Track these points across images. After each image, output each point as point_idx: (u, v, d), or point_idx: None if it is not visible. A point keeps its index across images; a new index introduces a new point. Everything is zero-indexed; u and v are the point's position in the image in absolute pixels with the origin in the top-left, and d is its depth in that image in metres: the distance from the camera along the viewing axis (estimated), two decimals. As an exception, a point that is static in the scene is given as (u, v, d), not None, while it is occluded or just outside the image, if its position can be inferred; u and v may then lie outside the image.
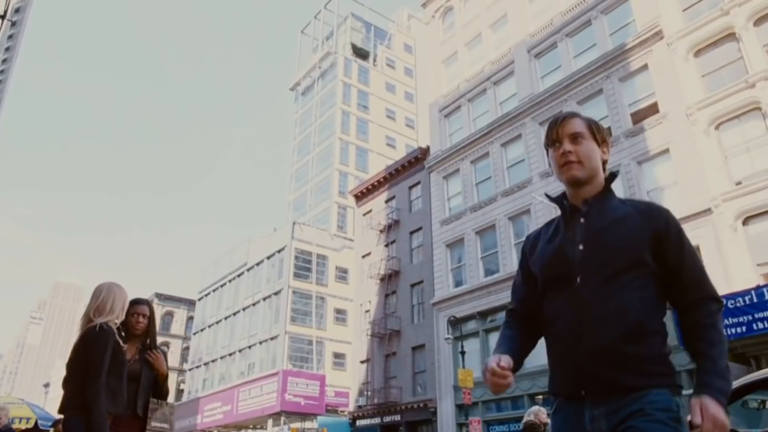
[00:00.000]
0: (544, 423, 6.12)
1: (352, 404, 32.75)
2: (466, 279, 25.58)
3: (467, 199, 26.67)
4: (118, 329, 3.70)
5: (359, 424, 30.95)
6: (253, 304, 42.08)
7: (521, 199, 23.80)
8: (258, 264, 43.15)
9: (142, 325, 4.01)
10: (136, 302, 4.00)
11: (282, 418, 35.04)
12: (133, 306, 3.95)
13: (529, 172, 23.86)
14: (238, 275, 45.25)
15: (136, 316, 3.97)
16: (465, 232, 26.19)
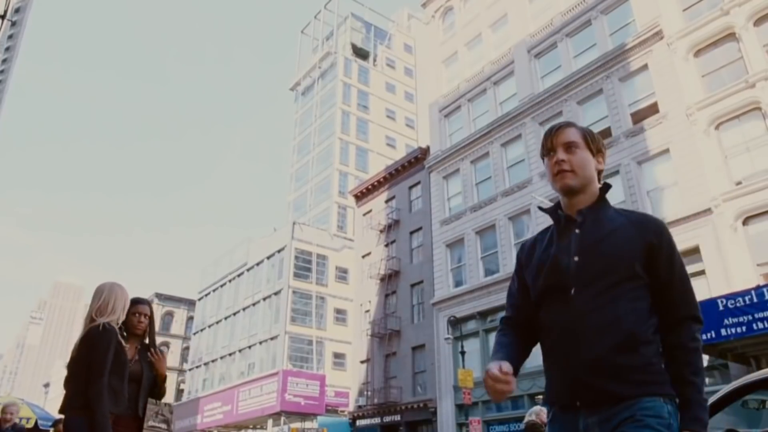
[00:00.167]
0: (545, 423, 6.12)
1: (352, 404, 32.75)
2: (466, 279, 25.58)
3: (467, 199, 26.67)
4: (120, 329, 3.69)
5: (359, 424, 30.95)
6: (253, 304, 42.09)
7: (521, 199, 23.80)
8: (258, 264, 43.16)
9: (144, 324, 3.99)
10: (137, 302, 3.98)
11: (282, 418, 35.04)
12: (134, 305, 3.93)
13: (529, 172, 23.87)
14: (238, 275, 45.26)
15: (138, 316, 3.95)
16: (465, 232, 26.19)
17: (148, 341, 4.03)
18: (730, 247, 16.71)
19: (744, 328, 11.95)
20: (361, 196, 35.48)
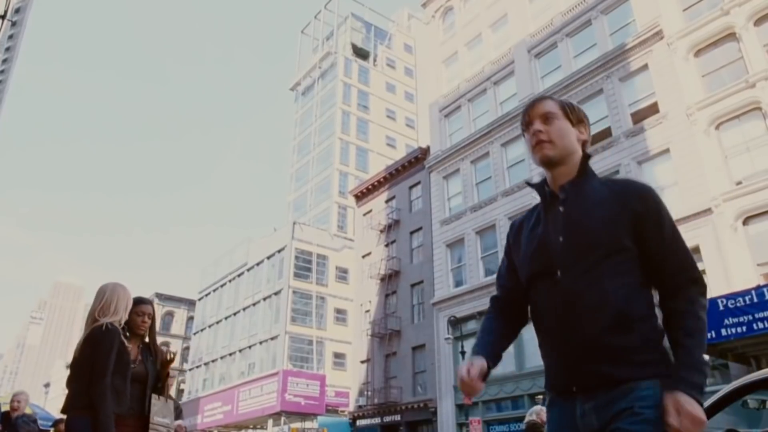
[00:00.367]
0: (546, 422, 6.12)
1: (353, 404, 32.76)
2: (466, 279, 25.58)
3: (467, 199, 26.68)
4: (123, 329, 3.70)
5: (359, 424, 30.95)
6: (253, 304, 42.09)
7: (521, 199, 23.80)
8: (258, 264, 43.16)
9: (147, 325, 3.98)
10: (140, 302, 3.97)
11: (282, 418, 35.05)
12: (137, 305, 3.91)
13: (529, 172, 23.86)
14: (238, 275, 45.26)
15: (141, 316, 3.94)
16: (465, 232, 26.19)
17: (148, 341, 4.02)
18: (730, 247, 16.71)
19: (744, 328, 11.95)
20: (362, 196, 35.48)
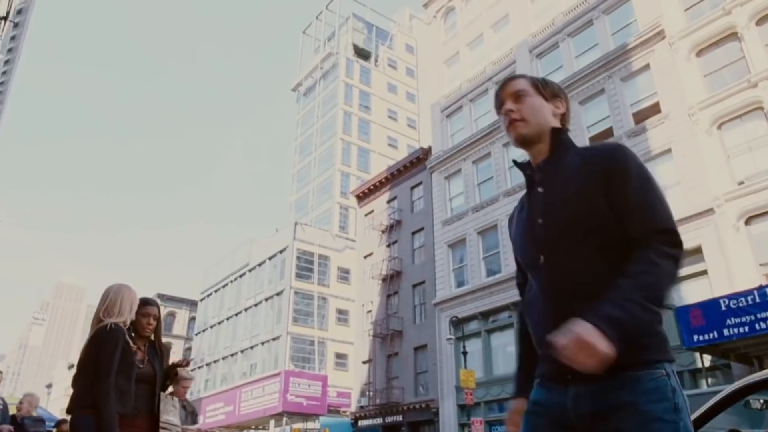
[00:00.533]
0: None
1: (354, 405, 32.76)
2: (468, 279, 25.57)
3: (469, 200, 26.67)
4: (128, 330, 3.72)
5: (361, 424, 30.94)
6: (255, 305, 42.11)
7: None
8: (260, 264, 43.19)
9: (152, 326, 4.00)
10: (146, 303, 3.98)
11: (284, 419, 35.06)
12: (144, 307, 3.93)
13: (530, 173, 23.85)
14: (240, 276, 45.29)
15: (147, 317, 3.95)
16: (467, 233, 26.18)
17: (154, 341, 4.05)
18: (732, 247, 16.69)
19: (747, 328, 11.94)
20: (363, 197, 35.49)
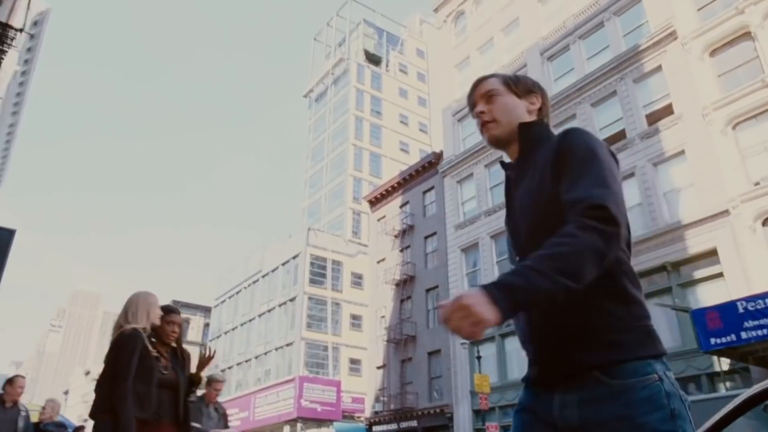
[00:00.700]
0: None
1: (369, 410, 32.70)
2: (481, 283, 25.43)
3: (481, 204, 26.59)
4: (149, 336, 3.76)
5: (376, 429, 30.87)
6: (269, 311, 42.25)
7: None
8: (273, 270, 43.34)
9: (176, 333, 4.05)
10: (170, 311, 4.04)
11: (299, 425, 35.07)
12: (168, 314, 3.99)
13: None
14: (254, 282, 45.47)
15: (171, 325, 4.00)
16: (479, 237, 26.10)
17: (177, 347, 4.09)
18: (749, 248, 16.48)
19: (765, 331, 11.77)
20: (376, 202, 35.52)
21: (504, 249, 24.98)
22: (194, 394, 4.24)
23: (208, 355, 4.27)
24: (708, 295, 16.28)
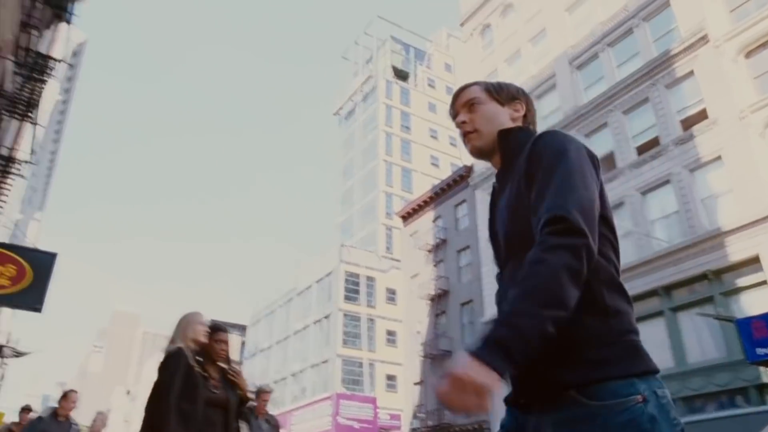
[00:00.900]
0: None
1: (406, 427, 32.45)
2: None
3: (514, 216, 26.34)
4: (196, 354, 3.75)
5: (414, 446, 30.60)
6: (304, 328, 42.45)
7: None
8: (307, 288, 43.61)
9: (225, 352, 4.01)
10: (218, 329, 3.99)
11: (336, 442, 35.01)
12: (216, 333, 3.95)
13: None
14: (288, 300, 45.80)
15: (220, 344, 3.96)
16: (513, 249, 25.83)
17: (226, 366, 4.05)
18: (794, 254, 15.95)
19: (814, 340, 11.36)
20: (408, 217, 35.53)
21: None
22: (245, 413, 4.19)
23: (237, 375, 4.21)
24: (753, 304, 15.76)
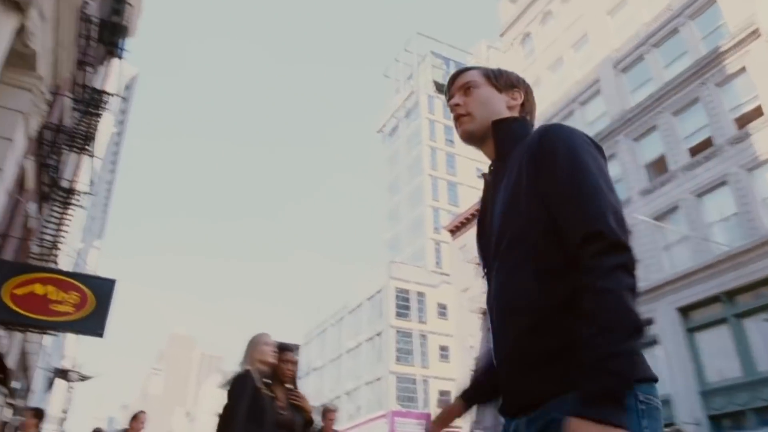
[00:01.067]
0: None
1: (463, 443, 32.00)
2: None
3: (564, 225, 25.86)
4: (264, 376, 3.74)
5: (472, 464, 30.11)
6: (357, 346, 42.51)
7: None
8: (358, 306, 43.74)
9: (292, 372, 3.99)
10: (285, 348, 3.98)
11: (393, 460, 34.78)
12: (283, 353, 3.93)
13: (627, 191, 22.82)
14: (339, 318, 46.02)
15: (287, 363, 3.94)
16: (565, 259, 25.32)
17: (291, 386, 4.01)
18: None
19: None
20: (456, 230, 35.32)
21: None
22: None
23: (300, 398, 4.15)
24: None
